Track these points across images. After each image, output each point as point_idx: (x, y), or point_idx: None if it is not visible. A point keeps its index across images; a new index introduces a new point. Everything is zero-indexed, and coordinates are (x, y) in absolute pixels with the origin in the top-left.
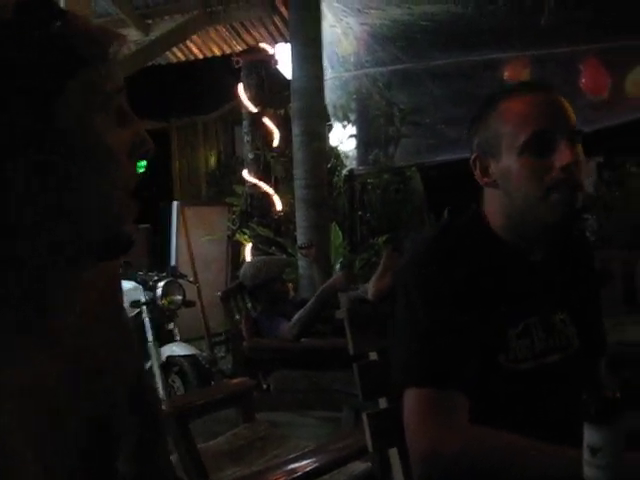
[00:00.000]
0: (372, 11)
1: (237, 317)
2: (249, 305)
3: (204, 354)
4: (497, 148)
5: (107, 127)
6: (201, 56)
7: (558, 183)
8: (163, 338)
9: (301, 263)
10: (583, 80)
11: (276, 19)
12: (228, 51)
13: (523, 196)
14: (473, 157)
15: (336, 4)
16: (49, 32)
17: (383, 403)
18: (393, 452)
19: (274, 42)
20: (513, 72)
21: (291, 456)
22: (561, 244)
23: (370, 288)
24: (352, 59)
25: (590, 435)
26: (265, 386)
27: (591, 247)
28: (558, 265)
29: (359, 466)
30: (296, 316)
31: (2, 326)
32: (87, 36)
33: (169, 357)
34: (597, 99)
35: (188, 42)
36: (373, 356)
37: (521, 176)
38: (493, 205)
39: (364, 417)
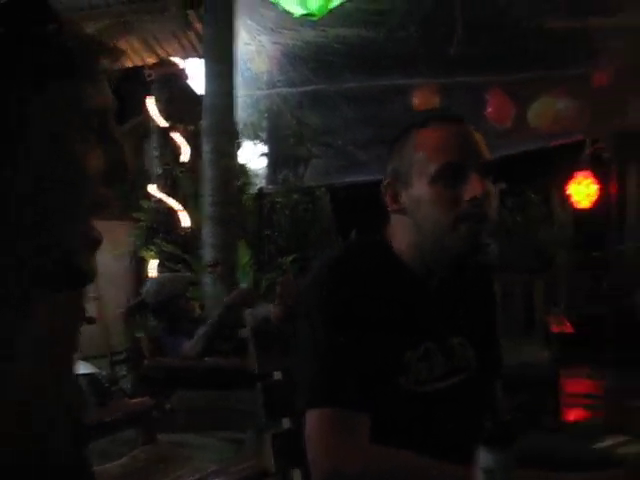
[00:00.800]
0: (286, 31)
1: (139, 335)
2: (152, 323)
3: (104, 373)
4: (409, 176)
5: (85, 147)
6: None
7: (466, 215)
8: None
9: (207, 281)
10: (489, 109)
11: (190, 34)
12: (140, 63)
13: (431, 225)
14: (385, 182)
15: (250, 22)
16: (40, 34)
17: (286, 423)
18: (296, 473)
19: (187, 57)
20: (422, 98)
21: (193, 478)
22: (461, 268)
23: (271, 312)
24: (265, 78)
25: (484, 457)
26: (167, 406)
27: (490, 272)
28: (457, 289)
29: None
30: (199, 331)
31: None
32: (79, 45)
33: None
34: (501, 128)
35: None
36: (277, 376)
37: (431, 205)
38: (399, 230)
39: (267, 438)
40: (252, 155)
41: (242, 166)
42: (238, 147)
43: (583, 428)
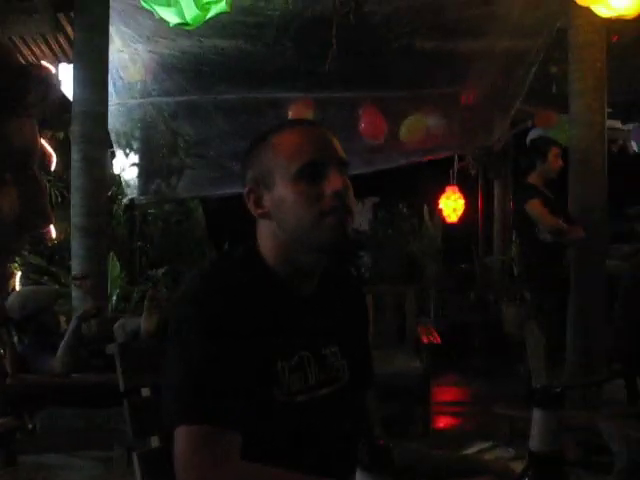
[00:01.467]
0: (161, 40)
1: (1, 351)
2: (15, 338)
3: None
4: (270, 179)
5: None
6: None
7: (331, 208)
8: None
9: (75, 294)
10: (362, 125)
11: (60, 37)
12: None
13: (296, 223)
14: (246, 190)
15: (124, 29)
16: None
17: (155, 442)
18: None
19: (57, 61)
20: (297, 112)
21: None
22: (332, 279)
23: (141, 326)
24: (139, 86)
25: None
26: (31, 426)
27: (362, 284)
28: (329, 300)
29: None
30: (62, 343)
31: None
32: (5, 77)
33: None
34: (374, 143)
35: None
36: (145, 392)
37: (295, 203)
38: (266, 238)
39: (135, 457)
40: (124, 165)
41: (114, 176)
42: (112, 156)
43: (451, 435)
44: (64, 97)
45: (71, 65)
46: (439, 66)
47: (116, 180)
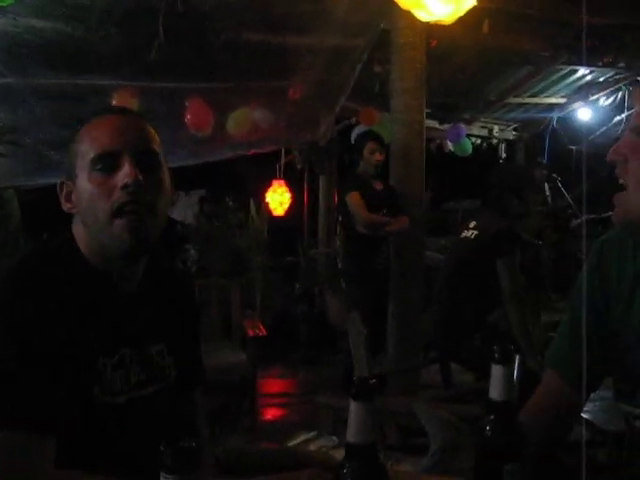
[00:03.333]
0: None
1: None
2: None
3: None
4: (73, 170)
5: None
6: None
7: (121, 205)
8: None
9: None
10: (188, 116)
11: None
12: None
13: (93, 219)
14: (59, 182)
15: None
16: None
17: None
18: None
19: None
20: (120, 100)
21: None
22: (158, 274)
23: None
24: None
25: None
26: None
27: (191, 278)
28: (155, 295)
29: None
30: None
31: None
32: None
33: None
34: (201, 135)
35: None
36: None
37: (90, 196)
38: (79, 231)
39: None
40: None
41: None
42: None
43: (278, 427)
44: None
45: None
46: (267, 60)
47: None
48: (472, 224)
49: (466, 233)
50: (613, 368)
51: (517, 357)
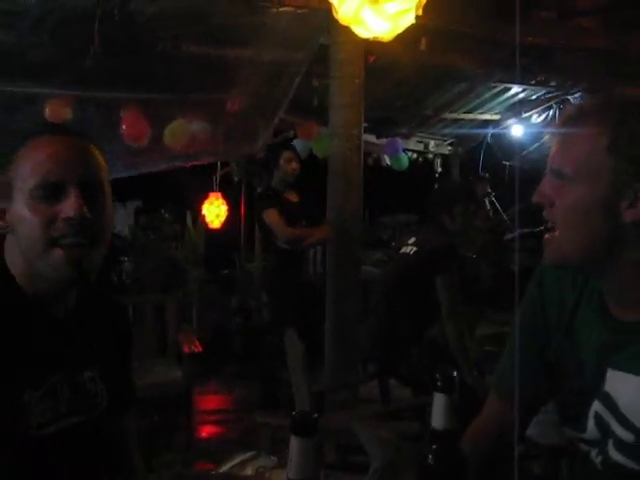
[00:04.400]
0: None
1: None
2: None
3: None
4: (12, 192)
5: None
6: None
7: (61, 236)
8: None
9: None
10: (124, 127)
11: None
12: None
13: (30, 246)
14: None
15: None
16: None
17: None
18: None
19: None
20: (54, 109)
21: None
22: (90, 299)
23: None
24: None
25: None
26: None
27: (123, 304)
28: (86, 321)
29: None
30: None
31: None
32: None
33: None
34: (137, 146)
35: None
36: None
37: (29, 224)
38: (12, 253)
39: None
40: None
41: None
42: None
43: (215, 445)
44: None
45: None
46: (206, 72)
47: None
48: (411, 240)
49: (405, 249)
50: (557, 394)
51: (455, 373)
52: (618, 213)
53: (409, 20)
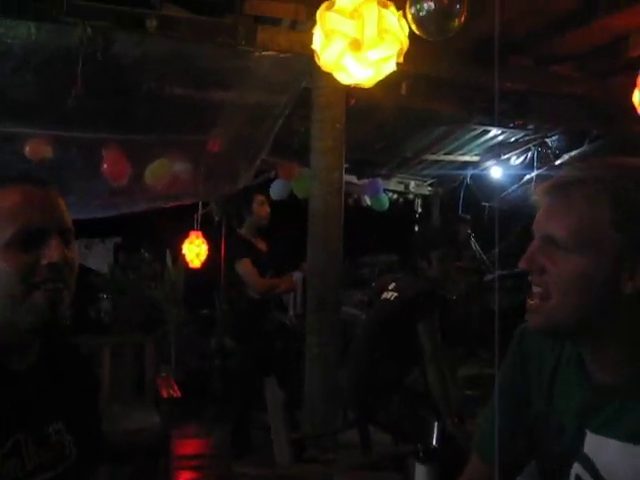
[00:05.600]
0: None
1: None
2: None
3: None
4: None
5: None
6: None
7: (42, 281)
8: None
9: None
10: (105, 165)
11: None
12: None
13: (6, 292)
14: None
15: None
16: None
17: None
18: None
19: None
20: (34, 149)
21: None
22: (54, 349)
23: None
24: None
25: None
26: None
27: (88, 352)
28: (50, 372)
29: None
30: None
31: None
32: None
33: None
34: (118, 185)
35: None
36: None
37: (5, 272)
38: None
39: None
40: None
41: None
42: None
43: None
44: None
45: None
46: (187, 113)
47: None
48: (392, 285)
49: (386, 294)
50: (537, 455)
51: (436, 424)
52: (618, 283)
53: (390, 67)
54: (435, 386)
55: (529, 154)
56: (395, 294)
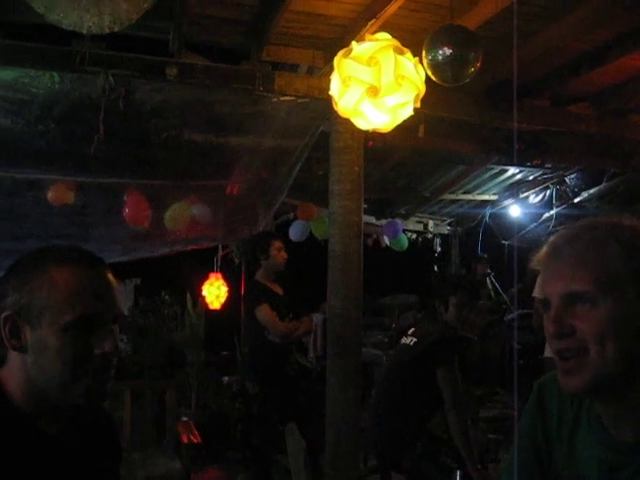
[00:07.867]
0: None
1: None
2: None
3: None
4: (38, 317)
5: None
6: None
7: (94, 372)
8: None
9: None
10: (126, 210)
11: None
12: None
13: (55, 373)
14: (5, 315)
15: None
16: None
17: None
18: None
19: None
20: (57, 194)
21: None
22: (81, 415)
23: None
24: None
25: None
26: None
27: (113, 420)
28: (76, 438)
29: None
30: None
31: None
32: None
33: None
34: (138, 230)
35: None
36: None
37: (58, 354)
38: (16, 369)
39: None
40: None
41: None
42: None
43: None
44: None
45: None
46: (207, 158)
47: None
48: (411, 330)
49: (405, 339)
50: None
51: (458, 472)
52: None
53: (408, 112)
54: (456, 433)
55: (547, 192)
56: (414, 339)
